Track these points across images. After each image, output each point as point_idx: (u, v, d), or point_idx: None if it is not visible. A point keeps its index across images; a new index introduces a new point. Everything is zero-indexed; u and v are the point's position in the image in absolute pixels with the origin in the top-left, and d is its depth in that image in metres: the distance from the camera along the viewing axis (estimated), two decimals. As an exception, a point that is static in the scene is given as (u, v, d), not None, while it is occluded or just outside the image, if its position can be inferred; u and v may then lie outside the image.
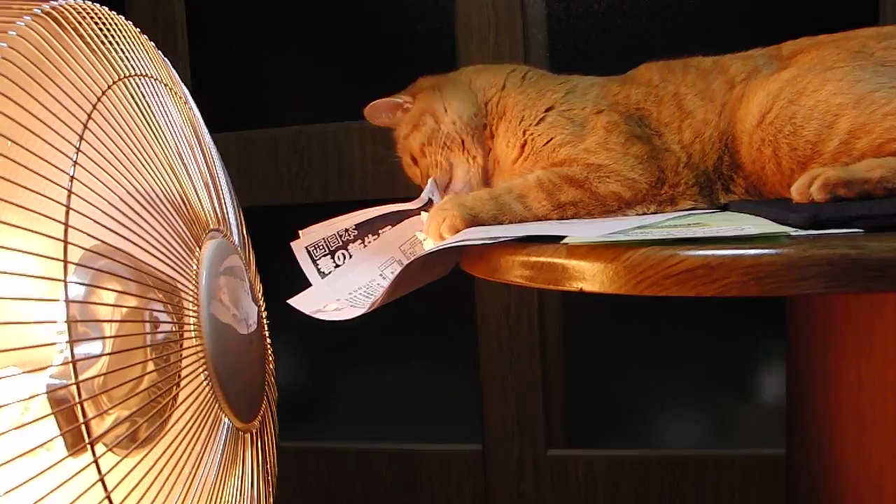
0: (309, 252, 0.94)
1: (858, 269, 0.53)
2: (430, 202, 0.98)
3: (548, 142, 0.91)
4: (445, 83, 1.03)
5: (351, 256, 0.95)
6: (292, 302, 0.89)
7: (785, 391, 1.32)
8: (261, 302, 0.91)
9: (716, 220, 0.74)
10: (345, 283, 0.92)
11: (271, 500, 0.88)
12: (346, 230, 0.95)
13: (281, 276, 0.97)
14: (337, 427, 1.94)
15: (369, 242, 0.95)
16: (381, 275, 0.93)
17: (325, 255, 0.94)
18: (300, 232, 0.95)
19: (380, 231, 0.96)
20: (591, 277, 0.61)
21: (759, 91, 0.84)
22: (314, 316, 0.86)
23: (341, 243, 0.95)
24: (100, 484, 0.55)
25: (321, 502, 1.88)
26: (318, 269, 0.94)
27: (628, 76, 0.96)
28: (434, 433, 1.86)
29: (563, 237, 0.65)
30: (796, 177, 0.73)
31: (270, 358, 0.91)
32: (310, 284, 0.92)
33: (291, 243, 0.94)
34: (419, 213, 0.98)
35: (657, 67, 0.95)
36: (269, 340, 0.91)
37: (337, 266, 0.94)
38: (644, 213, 0.85)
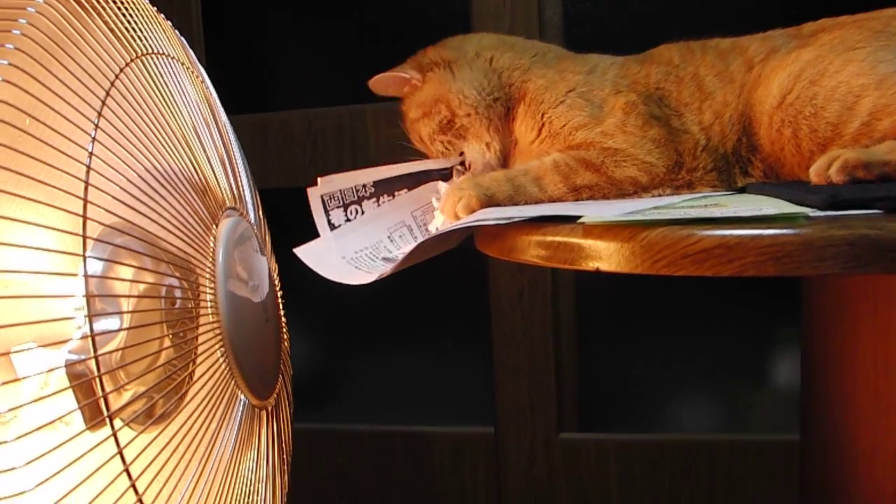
0: (323, 201, 0.94)
1: (878, 250, 0.52)
2: (450, 170, 0.99)
3: (565, 124, 0.90)
4: (460, 63, 0.99)
5: (363, 213, 0.95)
6: (298, 251, 0.89)
7: (799, 377, 1.32)
8: (276, 280, 0.91)
9: (733, 201, 0.73)
10: (353, 238, 0.92)
11: (286, 478, 0.88)
12: (364, 185, 0.96)
13: (296, 259, 0.97)
14: (350, 409, 1.95)
15: (384, 202, 0.96)
16: (388, 237, 0.93)
17: (338, 207, 0.94)
18: (319, 178, 0.95)
19: (396, 193, 0.97)
20: (607, 257, 0.61)
21: (780, 72, 0.83)
22: (317, 271, 0.86)
23: (356, 198, 0.95)
24: (118, 457, 0.55)
25: (334, 484, 1.89)
26: (329, 221, 0.94)
27: (648, 55, 0.95)
28: (447, 416, 1.86)
29: (578, 217, 0.65)
30: (815, 158, 0.72)
31: (286, 336, 0.91)
32: (317, 234, 0.93)
33: (308, 188, 0.94)
34: (437, 180, 0.98)
35: (677, 48, 0.94)
36: (284, 319, 0.92)
37: (348, 220, 0.94)
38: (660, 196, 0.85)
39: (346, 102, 1.78)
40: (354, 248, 0.91)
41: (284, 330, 0.91)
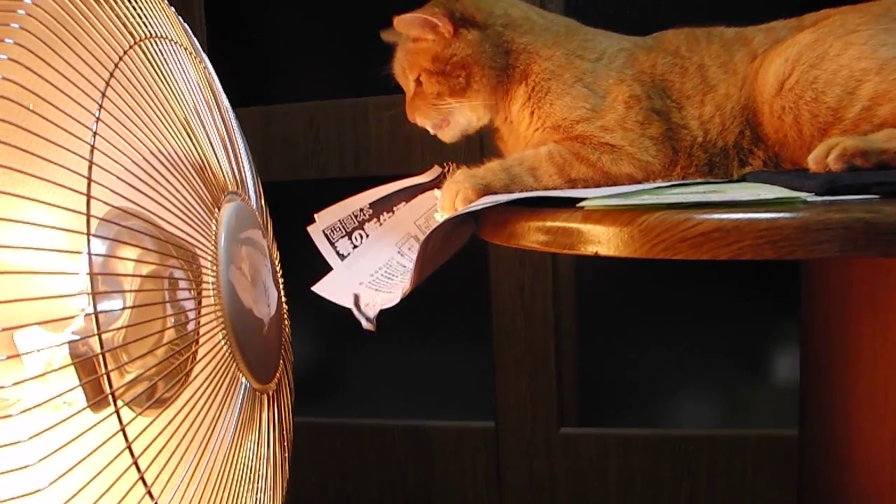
0: (326, 235, 0.94)
1: (874, 233, 0.53)
2: (442, 176, 0.98)
3: (567, 116, 0.89)
4: (489, 32, 0.95)
5: (368, 236, 0.95)
6: (317, 289, 0.88)
7: (799, 372, 1.32)
8: (278, 267, 0.92)
9: (731, 188, 0.74)
10: (365, 263, 0.92)
11: (287, 465, 0.89)
12: (361, 210, 0.95)
13: (297, 251, 0.97)
14: (351, 403, 1.95)
15: (385, 220, 0.95)
16: (399, 252, 0.93)
17: (342, 237, 0.94)
18: (316, 215, 0.94)
19: (394, 208, 0.96)
20: (606, 241, 0.61)
21: (776, 59, 0.83)
22: (343, 305, 0.86)
23: (357, 223, 0.95)
24: (121, 435, 0.56)
25: (335, 477, 1.90)
26: (337, 252, 0.94)
27: (656, 42, 0.94)
28: (447, 410, 1.87)
29: (578, 200, 0.65)
30: (816, 143, 0.72)
31: (287, 322, 0.92)
32: (330, 268, 0.92)
33: (308, 228, 0.93)
34: (433, 189, 0.98)
35: (684, 35, 0.93)
36: (286, 305, 0.92)
37: (355, 247, 0.94)
38: None
39: (347, 95, 1.79)
40: (369, 271, 0.90)
41: (286, 316, 0.92)
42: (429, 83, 0.95)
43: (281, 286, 0.92)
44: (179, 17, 0.80)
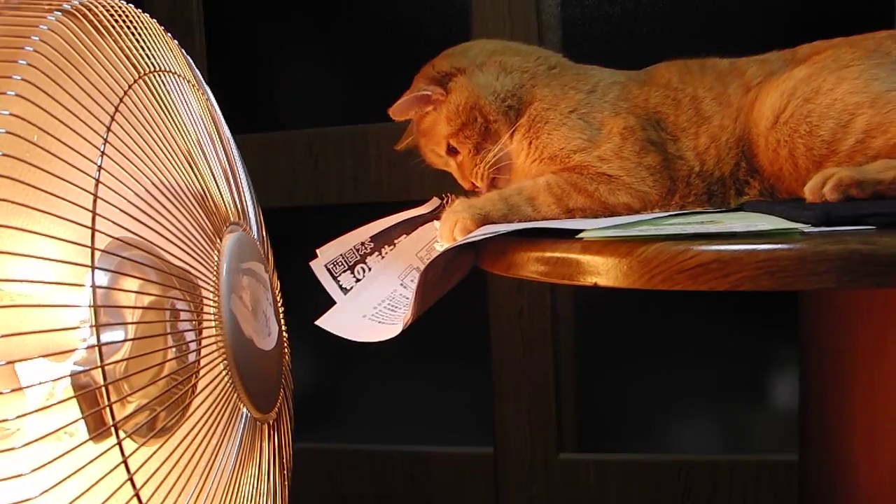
0: (329, 270, 0.95)
1: (870, 265, 0.54)
2: (441, 206, 0.99)
3: (563, 147, 0.90)
4: (472, 69, 0.98)
5: (370, 269, 0.95)
6: (321, 323, 0.88)
7: (798, 397, 1.32)
8: (278, 296, 0.92)
9: (728, 218, 0.75)
10: (367, 296, 0.92)
11: (286, 493, 0.89)
12: (362, 243, 0.96)
13: (296, 277, 0.98)
14: (349, 429, 1.95)
15: (386, 253, 0.96)
16: (401, 284, 0.93)
17: (345, 271, 0.95)
18: (318, 251, 0.95)
19: (395, 241, 0.97)
20: (605, 272, 0.62)
21: (772, 92, 0.85)
22: (347, 338, 0.86)
23: (359, 257, 0.96)
24: (122, 466, 0.56)
25: (333, 503, 1.89)
26: (340, 286, 0.94)
27: (648, 76, 0.96)
28: (446, 436, 1.86)
29: (576, 231, 0.66)
30: (812, 175, 0.73)
31: (287, 350, 0.92)
32: (333, 301, 0.93)
33: (311, 263, 0.94)
34: (432, 220, 0.98)
35: (676, 68, 0.95)
36: (285, 333, 0.92)
37: (358, 280, 0.94)
38: None
39: (347, 122, 1.80)
40: (372, 304, 0.91)
41: (286, 343, 0.92)
42: (460, 143, 0.97)
43: (281, 315, 0.92)
44: (183, 50, 0.81)
